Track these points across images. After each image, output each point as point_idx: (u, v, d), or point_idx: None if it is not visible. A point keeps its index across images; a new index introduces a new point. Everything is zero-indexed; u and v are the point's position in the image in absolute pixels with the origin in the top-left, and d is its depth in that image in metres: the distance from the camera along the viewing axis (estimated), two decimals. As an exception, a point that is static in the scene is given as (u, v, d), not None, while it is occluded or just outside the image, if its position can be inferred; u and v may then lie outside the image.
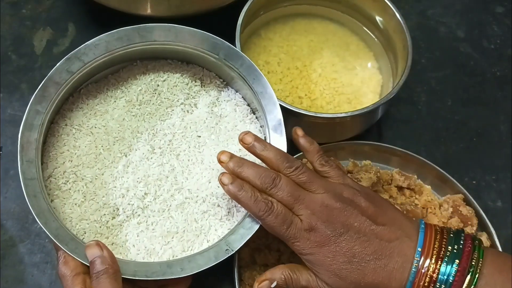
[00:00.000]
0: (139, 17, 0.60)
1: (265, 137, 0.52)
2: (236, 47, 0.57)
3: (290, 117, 0.57)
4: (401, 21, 0.63)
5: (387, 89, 0.66)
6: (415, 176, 0.60)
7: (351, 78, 0.67)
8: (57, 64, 0.48)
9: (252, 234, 0.45)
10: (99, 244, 0.43)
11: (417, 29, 0.76)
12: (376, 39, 0.69)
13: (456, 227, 0.55)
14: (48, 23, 0.71)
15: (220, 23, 0.60)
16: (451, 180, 0.59)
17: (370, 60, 0.69)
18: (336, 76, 0.66)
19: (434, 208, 0.58)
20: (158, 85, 0.53)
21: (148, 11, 0.61)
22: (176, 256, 0.47)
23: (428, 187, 0.60)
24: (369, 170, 0.57)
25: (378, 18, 0.67)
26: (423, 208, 0.58)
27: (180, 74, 0.54)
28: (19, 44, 0.69)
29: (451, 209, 0.57)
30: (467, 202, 0.58)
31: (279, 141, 0.49)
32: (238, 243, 0.45)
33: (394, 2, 0.64)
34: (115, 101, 0.53)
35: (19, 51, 0.69)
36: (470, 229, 0.56)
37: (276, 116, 0.50)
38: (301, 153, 0.60)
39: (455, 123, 0.70)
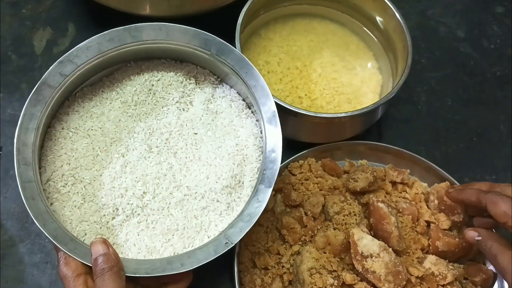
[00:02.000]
0: (139, 17, 0.61)
1: (261, 130, 0.52)
2: (236, 47, 0.57)
3: (290, 117, 0.58)
4: (401, 21, 0.63)
5: (387, 89, 0.66)
6: (408, 170, 0.60)
7: (351, 78, 0.67)
8: (50, 68, 0.48)
9: (250, 227, 0.45)
10: (105, 242, 0.43)
11: (417, 29, 0.76)
12: (376, 39, 0.69)
13: (444, 221, 0.56)
14: (48, 23, 0.72)
15: (220, 23, 0.60)
16: (437, 169, 0.60)
17: (370, 60, 0.69)
18: (336, 76, 0.66)
19: (420, 201, 0.58)
20: (152, 85, 0.54)
21: (148, 11, 0.61)
22: (177, 253, 0.47)
23: (417, 179, 0.60)
24: (365, 170, 0.57)
25: (378, 18, 0.67)
26: (411, 201, 0.58)
27: (174, 73, 0.54)
28: (19, 44, 0.70)
29: (436, 201, 0.57)
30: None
31: (274, 133, 0.49)
32: (237, 236, 0.45)
33: (394, 2, 0.64)
34: (110, 103, 0.53)
35: (19, 51, 0.69)
36: (458, 217, 0.55)
37: (270, 108, 0.50)
38: (302, 152, 0.60)
39: (455, 123, 0.70)
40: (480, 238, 0.50)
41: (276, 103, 0.50)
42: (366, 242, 0.51)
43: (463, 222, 0.56)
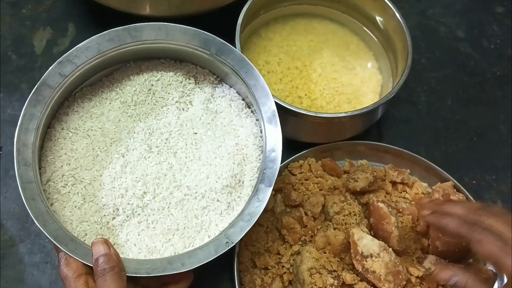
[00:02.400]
0: (139, 17, 0.60)
1: (260, 130, 0.52)
2: (236, 47, 0.57)
3: (290, 117, 0.58)
4: (401, 21, 0.63)
5: (387, 89, 0.66)
6: (408, 170, 0.60)
7: (351, 78, 0.67)
8: (50, 68, 0.48)
9: (251, 226, 0.45)
10: (106, 242, 0.43)
11: (417, 29, 0.76)
12: (376, 39, 0.69)
13: None
14: (48, 23, 0.72)
15: (220, 23, 0.60)
16: (437, 169, 0.60)
17: (370, 60, 0.69)
18: (336, 76, 0.66)
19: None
20: (152, 85, 0.54)
21: (148, 11, 0.61)
22: (178, 253, 0.47)
23: (417, 179, 0.60)
24: (365, 170, 0.57)
25: (378, 18, 0.67)
26: (411, 201, 0.58)
27: (173, 73, 0.54)
28: (19, 44, 0.70)
29: (441, 199, 0.57)
30: (457, 189, 0.59)
31: (274, 132, 0.49)
32: (237, 235, 0.45)
33: (394, 2, 0.64)
34: (110, 103, 0.53)
35: (19, 51, 0.69)
36: None
37: (270, 107, 0.50)
38: (302, 152, 0.60)
39: (455, 123, 0.70)
40: (456, 279, 0.45)
41: (276, 103, 0.51)
42: (366, 242, 0.51)
43: None
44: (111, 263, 0.41)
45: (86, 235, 0.46)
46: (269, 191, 0.46)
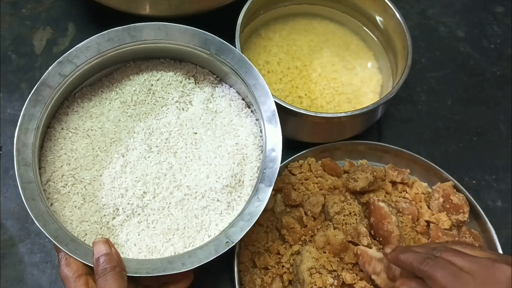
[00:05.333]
0: (139, 17, 0.60)
1: (260, 129, 0.52)
2: (236, 47, 0.57)
3: (290, 117, 0.58)
4: (401, 21, 0.63)
5: (387, 88, 0.66)
6: (408, 170, 0.60)
7: (351, 77, 0.67)
8: (49, 68, 0.48)
9: (251, 226, 0.45)
10: (107, 242, 0.43)
11: (417, 29, 0.76)
12: (376, 39, 0.69)
13: (446, 221, 0.56)
14: (48, 23, 0.72)
15: (220, 23, 0.60)
16: (437, 169, 0.60)
17: (370, 60, 0.69)
18: (336, 75, 0.66)
19: (420, 201, 0.58)
20: (152, 85, 0.53)
21: (148, 11, 0.61)
22: (178, 252, 0.47)
23: (417, 179, 0.60)
24: (365, 169, 0.57)
25: (378, 18, 0.67)
26: (411, 201, 0.58)
27: (173, 73, 0.54)
28: (19, 44, 0.70)
29: (442, 199, 0.57)
30: (457, 189, 0.59)
31: (274, 132, 0.49)
32: (238, 235, 0.45)
33: (394, 2, 0.64)
34: (110, 103, 0.53)
35: (19, 51, 0.69)
36: (463, 217, 0.56)
37: (269, 107, 0.50)
38: (302, 152, 0.60)
39: (455, 123, 0.70)
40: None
41: (276, 103, 0.51)
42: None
43: (466, 222, 0.56)
44: (112, 262, 0.41)
45: (86, 235, 0.46)
46: (269, 190, 0.46)
